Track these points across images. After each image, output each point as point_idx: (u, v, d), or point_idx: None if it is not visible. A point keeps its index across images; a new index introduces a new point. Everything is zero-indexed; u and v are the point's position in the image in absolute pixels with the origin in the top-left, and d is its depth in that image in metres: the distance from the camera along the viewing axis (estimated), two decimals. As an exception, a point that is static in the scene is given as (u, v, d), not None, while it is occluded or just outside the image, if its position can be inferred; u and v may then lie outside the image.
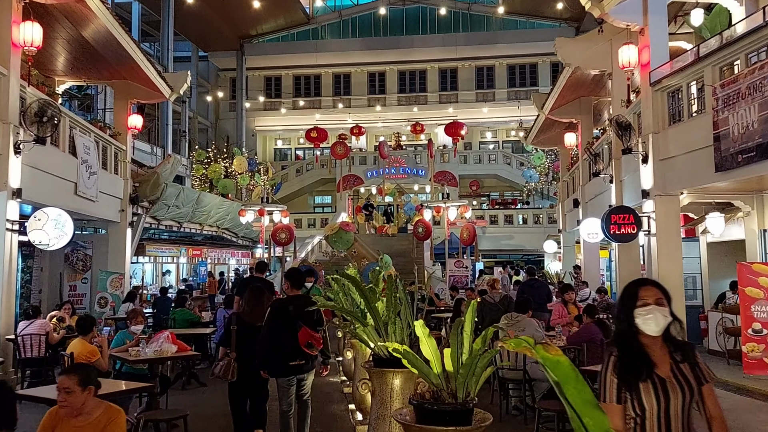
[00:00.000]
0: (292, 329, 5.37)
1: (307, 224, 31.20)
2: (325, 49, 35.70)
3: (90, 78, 14.53)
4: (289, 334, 5.37)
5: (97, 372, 3.40)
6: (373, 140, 37.85)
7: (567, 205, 19.82)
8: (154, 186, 14.97)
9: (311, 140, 26.86)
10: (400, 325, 4.52)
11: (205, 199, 22.67)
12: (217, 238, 26.20)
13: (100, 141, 13.29)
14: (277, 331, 5.42)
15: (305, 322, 5.42)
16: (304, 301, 5.61)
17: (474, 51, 34.91)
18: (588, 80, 15.24)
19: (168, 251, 20.79)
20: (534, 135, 19.89)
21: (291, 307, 5.52)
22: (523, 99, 35.29)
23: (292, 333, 5.35)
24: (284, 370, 5.45)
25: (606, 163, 12.98)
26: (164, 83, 14.52)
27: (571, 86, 15.40)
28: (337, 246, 19.97)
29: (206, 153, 30.41)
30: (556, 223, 28.74)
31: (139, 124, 14.83)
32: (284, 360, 5.40)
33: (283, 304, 5.66)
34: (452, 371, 3.26)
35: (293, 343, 5.34)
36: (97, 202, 12.74)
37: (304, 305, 5.45)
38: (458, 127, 25.30)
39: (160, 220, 20.60)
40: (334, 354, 11.44)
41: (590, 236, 13.08)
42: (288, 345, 5.37)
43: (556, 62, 36.50)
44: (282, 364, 5.43)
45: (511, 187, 35.37)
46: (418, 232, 21.46)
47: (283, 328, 5.43)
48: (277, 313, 5.53)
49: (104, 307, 13.75)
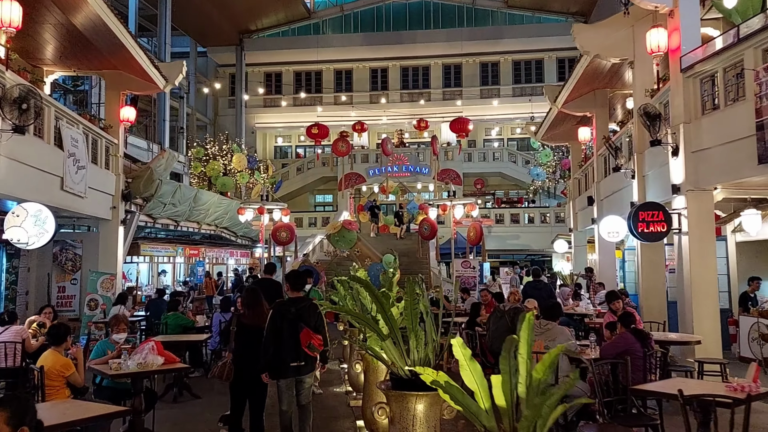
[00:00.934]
0: (294, 330, 5.42)
1: (308, 223, 30.46)
2: (326, 45, 34.94)
3: (80, 67, 13.76)
4: (291, 336, 5.42)
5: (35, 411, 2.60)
6: (375, 138, 37.12)
7: (579, 203, 19.04)
8: (148, 182, 14.21)
9: (312, 137, 26.08)
10: (423, 339, 3.78)
11: (203, 197, 21.94)
12: (216, 238, 25.47)
13: (90, 133, 12.51)
14: (280, 333, 5.46)
15: (306, 323, 5.47)
16: (306, 303, 5.71)
17: (478, 47, 34.15)
18: (604, 71, 14.48)
19: (164, 251, 20.02)
20: (545, 130, 19.09)
21: (293, 309, 5.55)
22: (530, 95, 34.70)
23: (294, 334, 5.40)
24: (285, 372, 5.47)
25: (627, 157, 12.19)
26: (158, 73, 13.74)
27: (587, 77, 14.63)
28: (340, 245, 19.22)
29: (204, 150, 29.66)
30: (564, 223, 28.15)
31: (132, 117, 14.05)
32: (285, 361, 5.44)
33: (285, 306, 5.66)
34: (505, 407, 2.50)
35: (295, 345, 5.38)
36: (86, 198, 11.97)
37: (305, 307, 5.60)
38: (464, 124, 24.55)
39: (156, 219, 19.90)
40: (339, 360, 10.73)
41: (610, 235, 12.29)
42: (290, 346, 5.42)
43: (563, 58, 35.95)
44: (283, 366, 5.45)
45: (516, 186, 34.61)
46: (423, 231, 20.70)
47: (285, 330, 5.46)
48: (279, 315, 5.54)
49: (94, 309, 12.98)
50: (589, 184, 17.27)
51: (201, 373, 9.87)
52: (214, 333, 9.62)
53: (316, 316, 5.59)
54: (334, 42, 35.21)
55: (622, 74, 14.81)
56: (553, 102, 16.24)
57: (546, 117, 18.18)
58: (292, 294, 5.81)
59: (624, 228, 11.62)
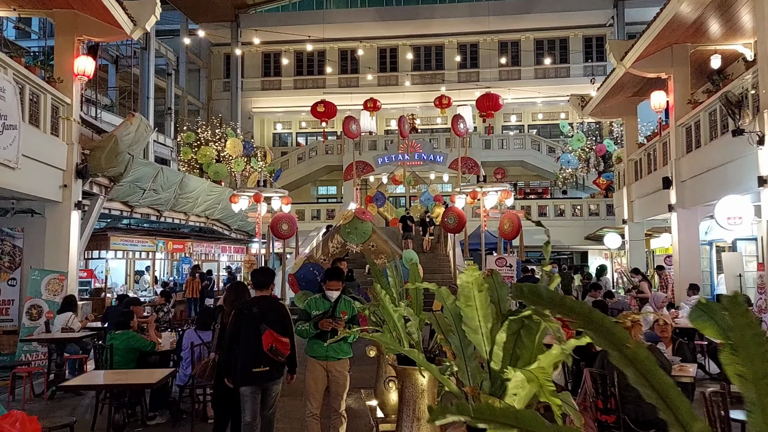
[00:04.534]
0: (256, 332, 4.92)
1: (311, 216, 27.34)
2: (330, 21, 31.69)
3: (22, 5, 10.62)
4: (251, 338, 4.93)
5: None
6: (383, 124, 34.01)
7: (637, 189, 15.96)
8: (112, 155, 11.05)
9: (318, 116, 22.86)
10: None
11: (191, 182, 18.86)
12: (207, 231, 22.36)
13: (27, 84, 9.39)
14: (238, 335, 5.03)
15: (270, 324, 4.95)
16: (270, 303, 5.25)
17: (501, 23, 30.93)
18: (688, 21, 11.43)
19: (140, 245, 16.85)
20: (598, 101, 15.95)
21: (255, 309, 5.03)
22: (553, 77, 31.65)
23: (256, 336, 4.91)
24: (248, 378, 4.98)
25: (749, 116, 9.06)
26: (124, 13, 10.60)
27: (667, 29, 11.56)
28: (352, 239, 16.08)
29: (196, 135, 26.54)
30: (598, 216, 25.10)
31: (89, 70, 10.89)
32: (246, 366, 4.96)
33: (246, 306, 5.13)
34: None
35: (257, 348, 4.90)
36: (20, 171, 8.85)
37: (269, 307, 5.15)
38: (493, 100, 21.18)
39: (134, 208, 16.88)
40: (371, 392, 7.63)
41: (731, 222, 9.08)
42: (251, 350, 4.94)
43: (590, 36, 32.89)
44: (244, 371, 4.97)
45: (539, 176, 31.50)
46: (447, 223, 17.54)
47: (245, 332, 5.00)
48: (240, 316, 5.06)
49: (37, 319, 9.87)
50: (657, 163, 14.19)
51: (166, 418, 6.75)
52: (184, 360, 6.48)
53: (283, 317, 5.15)
54: (339, 17, 32.01)
55: (707, 27, 11.77)
56: (620, 60, 13.10)
57: (604, 82, 15.01)
58: (257, 293, 5.27)
59: (750, 212, 8.51)
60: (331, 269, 5.91)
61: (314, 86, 32.99)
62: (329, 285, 5.34)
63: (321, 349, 5.18)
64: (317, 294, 5.56)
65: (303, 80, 33.57)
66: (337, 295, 5.34)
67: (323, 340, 5.12)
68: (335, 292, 5.33)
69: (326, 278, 5.43)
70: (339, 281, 5.44)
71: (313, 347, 5.25)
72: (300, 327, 5.16)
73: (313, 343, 5.24)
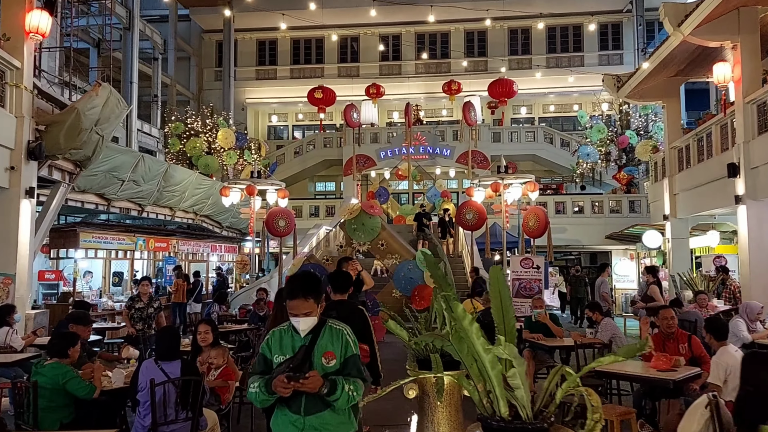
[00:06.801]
0: None
1: (309, 213, 25.34)
2: (329, 5, 29.64)
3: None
4: None
5: None
6: (385, 116, 32.06)
7: (681, 181, 14.09)
8: (72, 131, 9.06)
9: (315, 103, 20.95)
10: None
11: (177, 174, 16.90)
12: (196, 228, 20.36)
13: (-44, 37, 7.40)
14: None
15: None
16: (350, 308, 4.58)
17: (510, 6, 28.98)
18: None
19: (116, 242, 14.82)
20: (640, 79, 14.02)
21: (333, 313, 4.03)
22: (567, 67, 29.79)
23: None
24: None
25: None
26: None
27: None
28: (358, 236, 14.14)
29: (185, 125, 24.53)
30: (620, 213, 23.22)
31: (45, 27, 8.89)
32: None
33: (325, 310, 3.48)
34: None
35: None
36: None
37: (349, 312, 4.42)
38: (507, 87, 19.42)
39: (112, 201, 14.93)
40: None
41: None
42: None
43: (605, 23, 31.03)
44: None
45: (550, 171, 29.61)
46: (465, 219, 15.62)
47: None
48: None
49: (-26, 333, 7.87)
50: (714, 149, 12.31)
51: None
52: (141, 406, 4.46)
53: (362, 322, 4.45)
54: (338, 2, 29.98)
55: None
56: (677, 27, 11.18)
57: (654, 53, 13.02)
58: (335, 297, 4.62)
59: None
60: (336, 273, 4.88)
61: (312, 76, 31.03)
62: (292, 306, 2.97)
63: (291, 427, 2.94)
64: (286, 323, 3.11)
65: (300, 69, 31.62)
66: (310, 325, 2.99)
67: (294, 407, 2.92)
68: (307, 318, 2.97)
69: (293, 294, 2.98)
70: (343, 292, 4.59)
71: (278, 421, 3.00)
72: (250, 387, 2.93)
73: (280, 413, 2.99)
